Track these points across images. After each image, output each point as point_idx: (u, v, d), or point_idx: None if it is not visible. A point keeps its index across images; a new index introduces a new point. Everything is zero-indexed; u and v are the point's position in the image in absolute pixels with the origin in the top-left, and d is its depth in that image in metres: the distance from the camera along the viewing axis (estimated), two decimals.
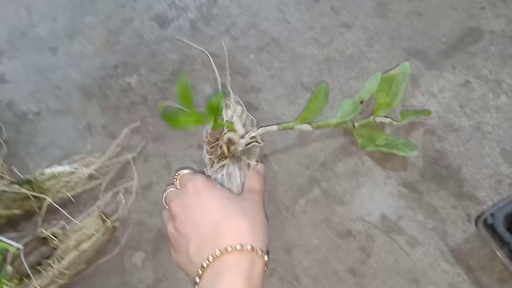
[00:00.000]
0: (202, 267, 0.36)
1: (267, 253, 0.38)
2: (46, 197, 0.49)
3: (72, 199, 0.50)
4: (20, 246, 0.44)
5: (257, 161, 0.48)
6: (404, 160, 0.50)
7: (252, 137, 0.48)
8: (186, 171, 0.46)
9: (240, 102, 0.51)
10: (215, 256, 0.35)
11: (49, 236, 0.45)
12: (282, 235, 0.48)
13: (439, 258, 0.46)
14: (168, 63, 0.60)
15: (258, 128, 0.48)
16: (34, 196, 0.49)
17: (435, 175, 0.49)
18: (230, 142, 0.47)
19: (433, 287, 0.44)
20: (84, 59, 0.61)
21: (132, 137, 0.55)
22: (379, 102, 0.48)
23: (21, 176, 0.51)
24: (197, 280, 0.36)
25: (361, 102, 0.47)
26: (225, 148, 0.47)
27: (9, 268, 0.43)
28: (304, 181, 0.51)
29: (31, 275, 0.42)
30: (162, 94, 0.58)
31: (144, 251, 0.48)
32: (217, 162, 0.48)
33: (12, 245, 0.43)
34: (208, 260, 0.35)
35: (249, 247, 0.36)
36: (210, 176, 0.48)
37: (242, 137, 0.47)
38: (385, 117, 0.49)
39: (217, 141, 0.48)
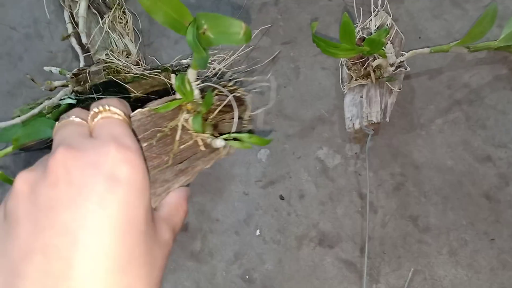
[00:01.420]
0: None
1: None
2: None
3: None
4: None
5: (400, 88, 0.46)
6: None
7: (400, 62, 0.45)
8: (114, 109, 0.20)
9: (390, 12, 0.47)
10: None
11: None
12: (413, 152, 0.47)
13: None
14: None
15: (408, 52, 0.45)
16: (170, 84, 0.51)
17: None
18: (377, 67, 0.45)
19: None
20: None
21: (262, 38, 0.54)
22: None
23: (158, 64, 0.54)
24: None
25: None
26: (372, 74, 0.45)
27: None
28: (444, 100, 0.48)
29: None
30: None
31: (269, 148, 0.49)
32: (356, 80, 0.46)
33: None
34: None
35: None
36: (346, 93, 0.47)
37: (391, 65, 0.44)
38: None
39: (361, 58, 0.46)
